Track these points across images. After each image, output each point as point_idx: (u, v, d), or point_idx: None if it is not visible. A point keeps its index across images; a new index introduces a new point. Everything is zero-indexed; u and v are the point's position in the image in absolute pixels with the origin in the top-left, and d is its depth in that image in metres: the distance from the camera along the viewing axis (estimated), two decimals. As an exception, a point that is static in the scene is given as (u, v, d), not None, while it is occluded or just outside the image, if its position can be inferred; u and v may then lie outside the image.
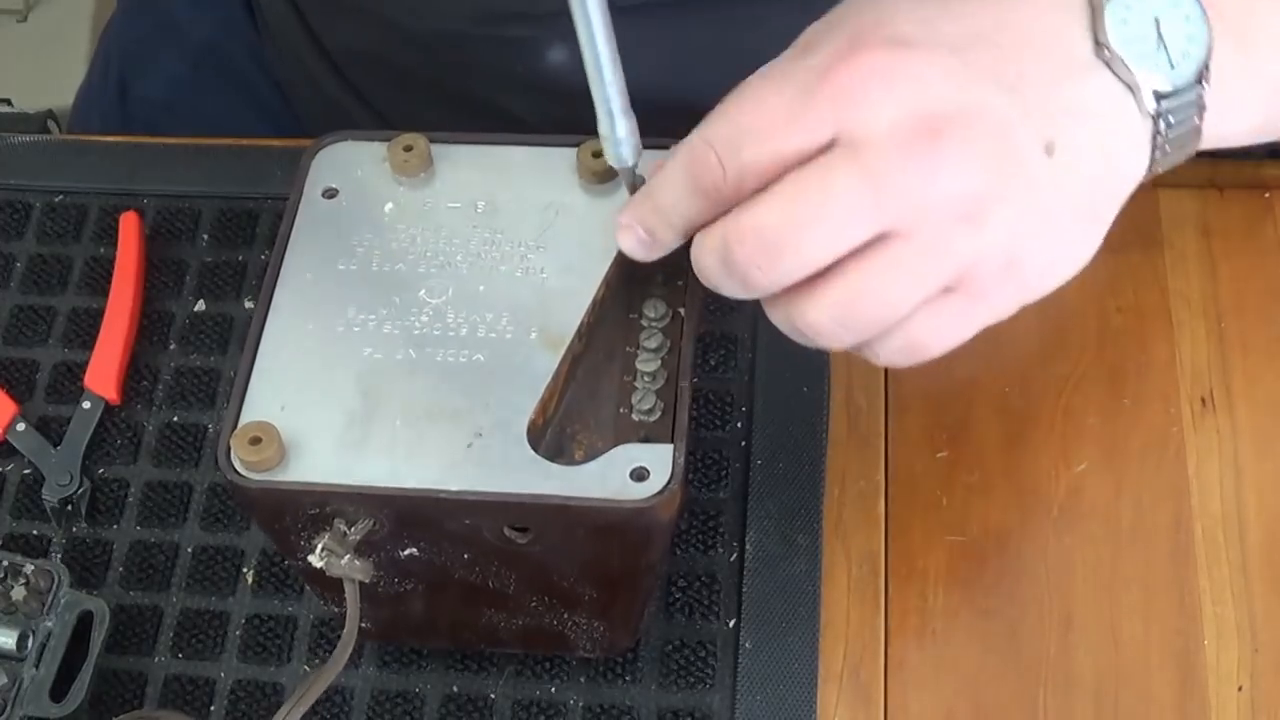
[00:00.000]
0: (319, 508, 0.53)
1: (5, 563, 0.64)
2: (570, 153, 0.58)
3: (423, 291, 0.56)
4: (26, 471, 0.70)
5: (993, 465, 0.67)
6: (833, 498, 0.65)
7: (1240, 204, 0.73)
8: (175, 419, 0.70)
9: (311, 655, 0.64)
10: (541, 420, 0.53)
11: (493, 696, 0.62)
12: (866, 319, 0.51)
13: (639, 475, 0.52)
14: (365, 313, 0.56)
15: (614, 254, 0.56)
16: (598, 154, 0.57)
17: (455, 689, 0.63)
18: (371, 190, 0.59)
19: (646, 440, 0.54)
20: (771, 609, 0.63)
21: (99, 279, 0.74)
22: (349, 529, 0.53)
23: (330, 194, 0.59)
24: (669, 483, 0.52)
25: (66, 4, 1.77)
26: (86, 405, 0.70)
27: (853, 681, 0.62)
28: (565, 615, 0.58)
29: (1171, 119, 0.54)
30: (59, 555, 0.67)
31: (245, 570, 0.66)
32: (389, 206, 0.59)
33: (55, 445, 0.70)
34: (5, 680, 0.62)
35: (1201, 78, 0.54)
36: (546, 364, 0.54)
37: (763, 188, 0.50)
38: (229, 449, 0.53)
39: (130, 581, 0.66)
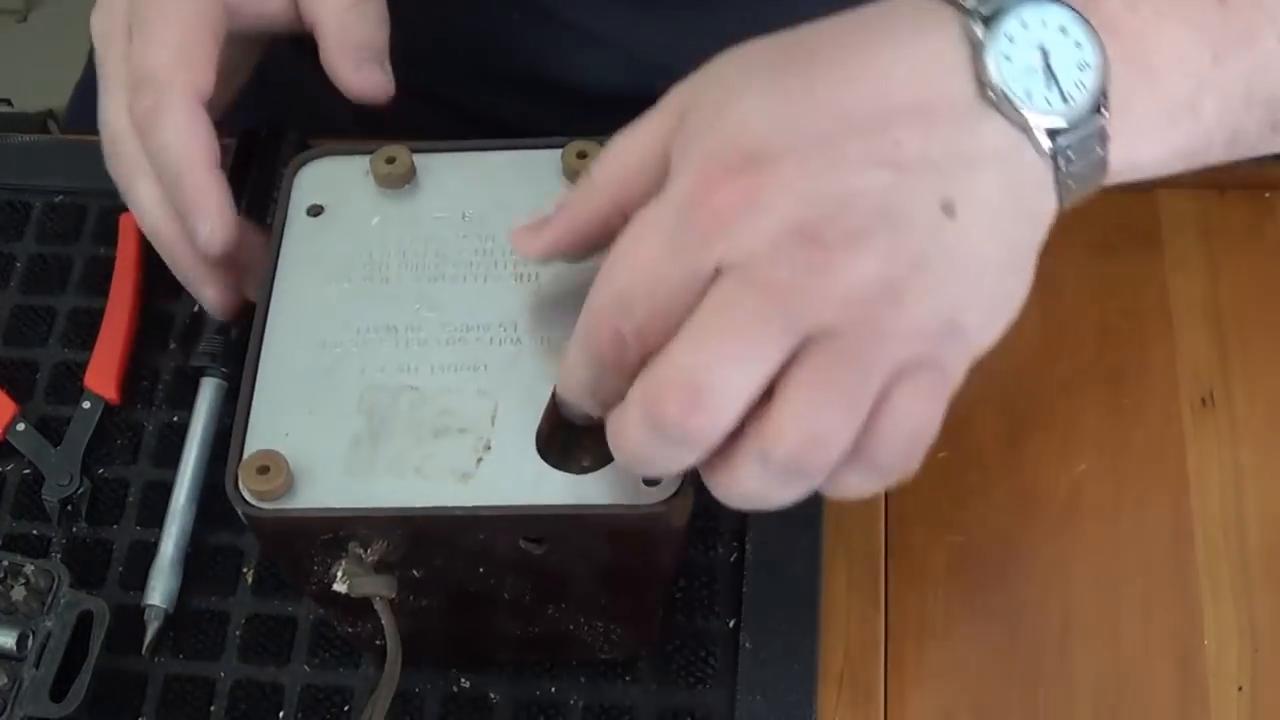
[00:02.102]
0: (333, 533, 0.52)
1: (5, 563, 0.64)
2: (555, 155, 0.58)
3: (416, 305, 0.56)
4: (26, 471, 0.70)
5: (993, 465, 0.67)
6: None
7: (1240, 204, 0.73)
8: (175, 419, 0.70)
9: (311, 655, 0.64)
10: (549, 429, 0.53)
11: (493, 696, 0.62)
12: (832, 420, 0.48)
13: (650, 480, 0.51)
14: (361, 331, 0.55)
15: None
16: (583, 154, 0.57)
17: (455, 689, 0.63)
18: (356, 205, 0.58)
19: None
20: (771, 609, 0.63)
21: (99, 279, 0.74)
22: (365, 551, 0.53)
23: (315, 211, 0.58)
24: (681, 486, 0.51)
25: (66, 4, 1.77)
26: (86, 405, 0.70)
27: (853, 681, 0.62)
28: (584, 621, 0.58)
29: (1071, 154, 0.51)
30: (59, 555, 0.67)
31: (245, 570, 0.66)
32: (375, 220, 0.58)
33: (55, 445, 0.70)
34: (5, 680, 0.62)
35: (1100, 106, 0.52)
36: (550, 371, 0.53)
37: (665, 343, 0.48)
38: (237, 480, 0.52)
39: (130, 581, 0.66)
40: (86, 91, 0.98)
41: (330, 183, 0.59)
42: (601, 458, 0.53)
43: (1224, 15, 0.54)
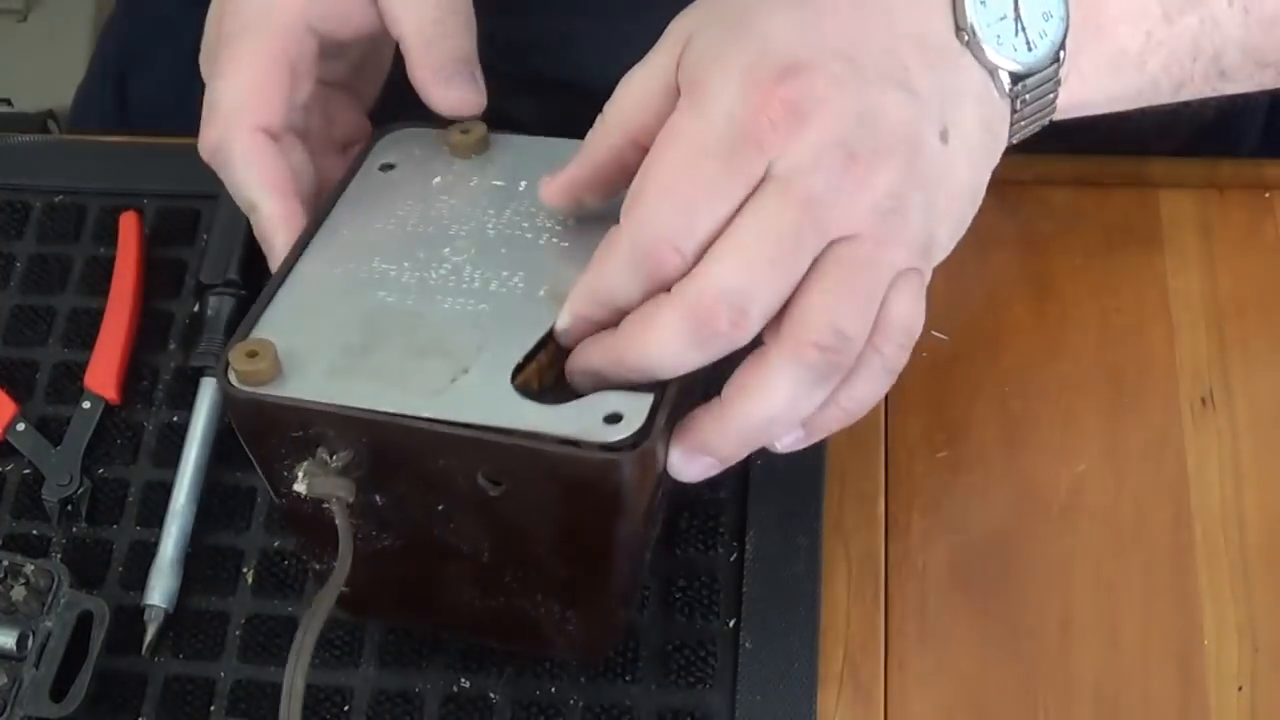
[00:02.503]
0: (302, 428, 0.54)
1: (5, 563, 0.64)
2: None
3: (447, 249, 0.59)
4: (26, 471, 0.69)
5: (993, 465, 0.67)
6: (833, 498, 0.65)
7: (1240, 204, 0.73)
8: (175, 419, 0.70)
9: (311, 655, 0.64)
10: (531, 366, 0.55)
11: (493, 696, 0.62)
12: (855, 318, 0.52)
13: (612, 418, 0.52)
14: (389, 263, 0.59)
15: None
16: None
17: (455, 689, 0.63)
18: (425, 167, 0.63)
19: None
20: (771, 609, 0.63)
21: (99, 279, 0.74)
22: (330, 457, 0.54)
23: (386, 168, 0.63)
24: (641, 430, 0.52)
25: (66, 4, 1.77)
26: (86, 405, 0.70)
27: (853, 681, 0.62)
28: (540, 599, 0.58)
29: (1028, 97, 0.56)
30: (59, 555, 0.67)
31: (245, 570, 0.66)
32: (437, 180, 0.62)
33: (55, 445, 0.70)
34: (5, 680, 0.62)
35: (1058, 55, 0.56)
36: (548, 317, 0.55)
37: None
38: (227, 361, 0.55)
39: (130, 581, 0.66)
40: (88, 92, 0.98)
41: (407, 149, 0.63)
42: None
43: None
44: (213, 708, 0.63)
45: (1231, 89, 0.63)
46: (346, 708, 0.63)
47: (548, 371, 0.55)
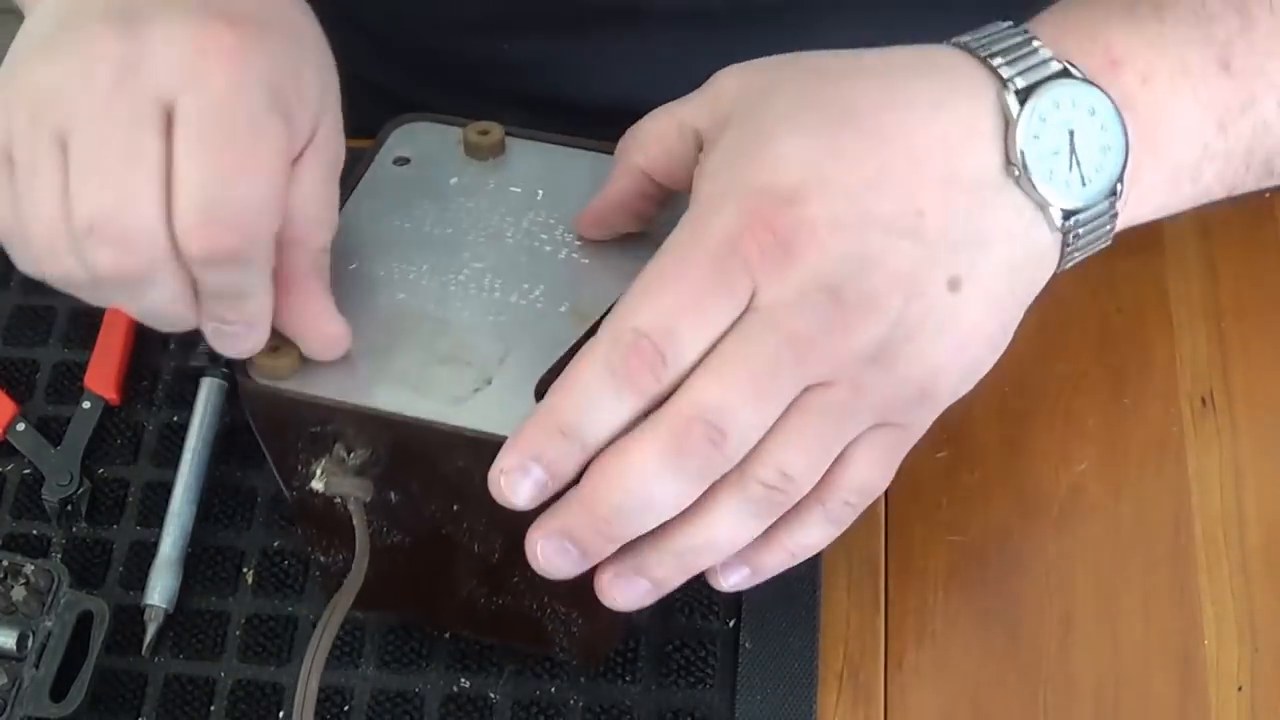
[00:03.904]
0: (321, 425, 0.54)
1: (5, 563, 0.64)
2: None
3: (466, 254, 0.59)
4: (26, 471, 0.70)
5: (993, 465, 0.67)
6: (833, 498, 0.65)
7: (1240, 204, 0.73)
8: (175, 419, 0.70)
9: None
10: (552, 382, 0.54)
11: (493, 696, 0.62)
12: (803, 466, 0.51)
13: None
14: (407, 264, 0.59)
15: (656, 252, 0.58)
16: None
17: (455, 689, 0.63)
18: (441, 165, 0.62)
19: None
20: (771, 609, 0.63)
21: (99, 279, 0.74)
22: (348, 455, 0.55)
23: (401, 162, 0.62)
24: None
25: (66, 4, 1.77)
26: (86, 405, 0.70)
27: (853, 681, 0.62)
28: (545, 598, 0.58)
29: (1082, 231, 0.54)
30: (59, 555, 0.67)
31: (245, 570, 0.66)
32: (454, 180, 0.62)
33: (55, 445, 0.70)
34: (5, 680, 0.62)
35: (1115, 189, 0.54)
36: (570, 334, 0.55)
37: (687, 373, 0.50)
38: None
39: (130, 581, 0.66)
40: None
41: (422, 143, 0.63)
42: None
43: (1231, 85, 0.57)
44: (213, 708, 0.63)
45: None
46: (346, 708, 0.63)
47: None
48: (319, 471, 0.55)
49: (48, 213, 0.52)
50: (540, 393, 0.53)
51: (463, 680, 0.63)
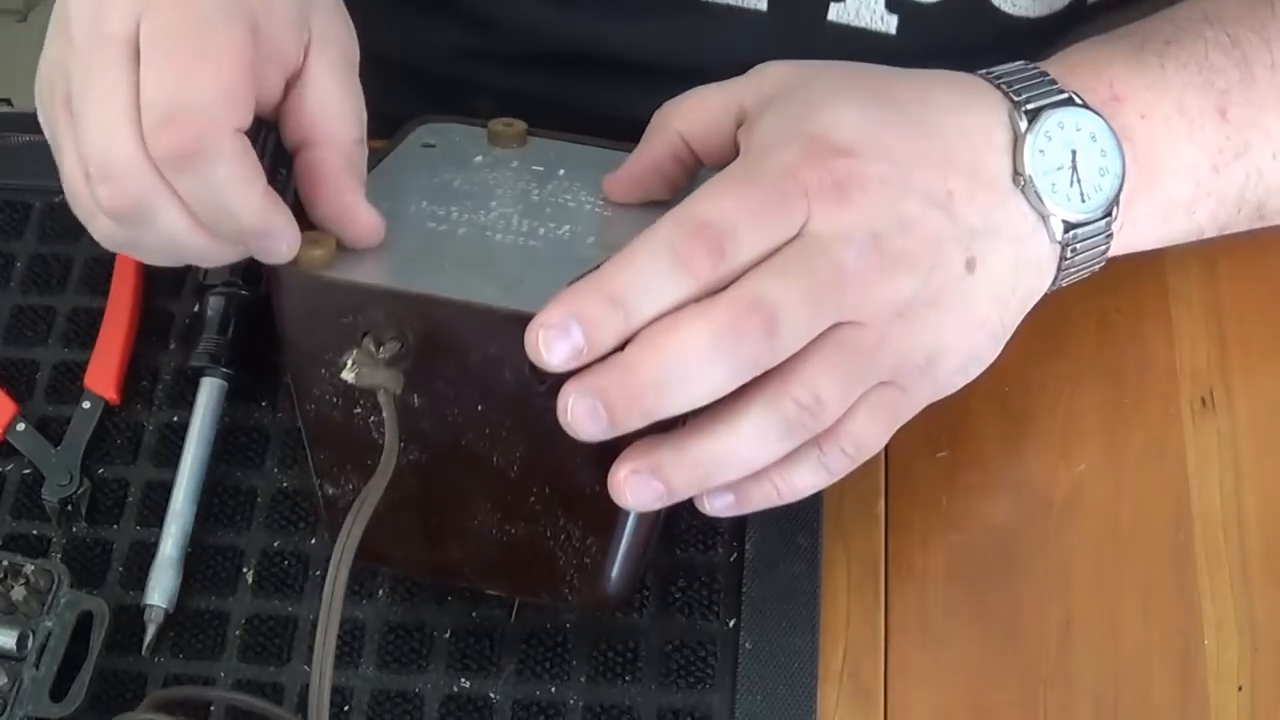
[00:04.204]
0: (354, 313, 0.55)
1: (5, 563, 0.64)
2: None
3: (494, 203, 0.60)
4: (26, 471, 0.69)
5: (993, 465, 0.67)
6: (833, 498, 0.65)
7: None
8: (175, 419, 0.70)
9: (312, 655, 0.64)
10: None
11: (493, 696, 0.62)
12: (835, 395, 0.54)
13: None
14: (437, 205, 0.60)
15: None
16: None
17: (455, 689, 0.63)
18: (466, 148, 0.64)
19: None
20: (771, 609, 0.63)
21: (99, 279, 0.74)
22: (377, 349, 0.55)
23: (427, 146, 0.64)
24: None
25: (66, 4, 1.77)
26: (86, 405, 0.70)
27: (853, 681, 0.62)
28: (561, 520, 0.58)
29: (1079, 246, 0.59)
30: (59, 555, 0.67)
31: (245, 570, 0.66)
32: (479, 158, 0.64)
33: (55, 445, 0.70)
34: (5, 680, 0.62)
35: (1111, 210, 0.59)
36: (598, 258, 0.55)
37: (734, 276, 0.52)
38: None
39: (130, 581, 0.66)
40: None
41: (447, 135, 0.65)
42: None
43: (1226, 131, 0.62)
44: (213, 707, 0.63)
45: (1271, 224, 0.66)
46: (346, 708, 0.63)
47: None
48: (349, 363, 0.55)
49: (69, 169, 0.57)
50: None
51: (463, 680, 0.63)
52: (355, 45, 0.59)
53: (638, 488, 0.54)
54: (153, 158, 0.53)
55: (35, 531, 0.68)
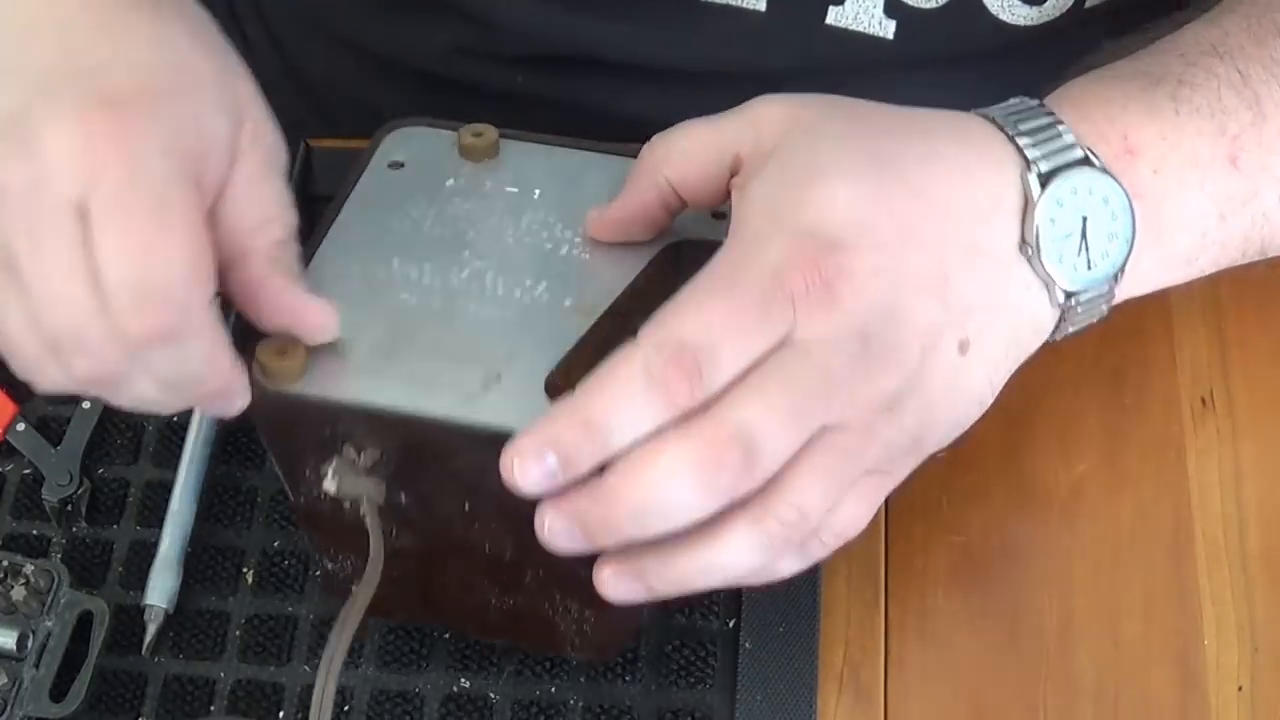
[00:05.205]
0: (330, 426, 0.54)
1: (5, 563, 0.64)
2: (633, 163, 0.60)
3: (467, 254, 0.59)
4: (26, 471, 0.69)
5: (993, 465, 0.67)
6: (833, 498, 0.65)
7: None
8: (175, 419, 0.70)
9: (311, 655, 0.64)
10: (563, 381, 0.54)
11: (493, 696, 0.62)
12: (818, 504, 0.52)
13: None
14: (408, 265, 0.58)
15: (659, 249, 0.59)
16: None
17: (455, 689, 0.63)
18: (436, 167, 0.62)
19: None
20: (771, 609, 0.63)
21: (99, 279, 0.74)
22: (358, 456, 0.54)
23: (395, 166, 0.62)
24: None
25: (66, 4, 1.77)
26: (86, 405, 0.70)
27: (853, 681, 0.62)
28: (557, 597, 0.58)
29: (1080, 309, 0.57)
30: (59, 555, 0.67)
31: (245, 570, 0.66)
32: (450, 182, 0.61)
33: (55, 445, 0.70)
34: (5, 680, 0.62)
35: (1117, 276, 0.57)
36: (576, 329, 0.56)
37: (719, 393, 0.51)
38: (254, 359, 0.54)
39: (130, 581, 0.66)
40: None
41: (416, 147, 0.63)
42: None
43: (1237, 179, 0.60)
44: (213, 708, 0.63)
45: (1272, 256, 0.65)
46: (347, 708, 0.63)
47: (579, 382, 0.55)
48: (330, 473, 0.55)
49: (16, 329, 0.54)
50: (551, 389, 0.54)
51: (463, 680, 0.63)
52: (282, 146, 0.57)
53: (619, 587, 0.53)
54: (126, 337, 0.51)
55: (35, 531, 0.68)
